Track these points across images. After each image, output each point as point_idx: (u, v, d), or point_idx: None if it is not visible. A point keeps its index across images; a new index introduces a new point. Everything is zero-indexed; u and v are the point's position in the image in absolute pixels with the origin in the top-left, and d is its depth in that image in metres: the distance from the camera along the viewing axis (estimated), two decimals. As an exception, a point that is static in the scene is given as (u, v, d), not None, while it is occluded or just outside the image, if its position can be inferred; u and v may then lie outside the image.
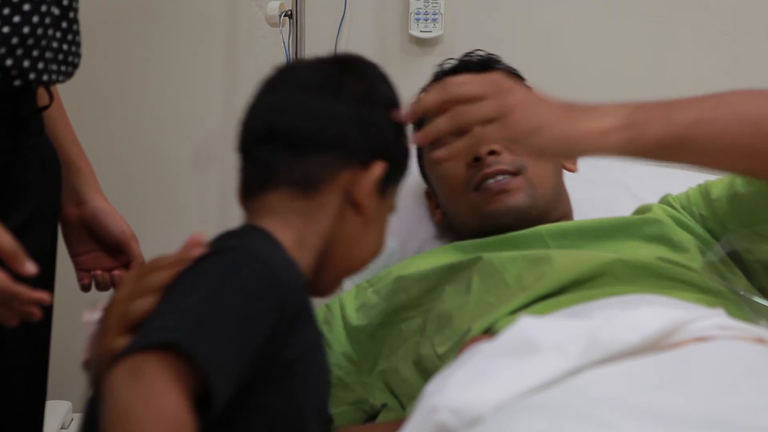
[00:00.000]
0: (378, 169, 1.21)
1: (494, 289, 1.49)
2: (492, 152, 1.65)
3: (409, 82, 2.41)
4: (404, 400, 1.53)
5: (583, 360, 1.08)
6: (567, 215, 1.73)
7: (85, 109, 2.38)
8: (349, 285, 1.73)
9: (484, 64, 1.81)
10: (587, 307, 1.35)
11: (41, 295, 1.17)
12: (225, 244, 1.15)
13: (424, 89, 1.73)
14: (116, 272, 1.61)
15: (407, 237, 1.86)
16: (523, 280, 1.48)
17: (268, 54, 2.32)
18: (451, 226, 1.82)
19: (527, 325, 1.16)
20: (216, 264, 1.09)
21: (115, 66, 2.36)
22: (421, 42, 2.34)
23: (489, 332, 1.41)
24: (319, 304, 1.88)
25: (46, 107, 1.43)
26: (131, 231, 1.60)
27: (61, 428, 1.89)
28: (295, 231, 1.18)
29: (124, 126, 2.38)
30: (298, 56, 2.17)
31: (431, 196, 1.84)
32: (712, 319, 1.23)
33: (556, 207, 1.70)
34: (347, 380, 1.61)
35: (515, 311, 1.44)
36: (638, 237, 1.56)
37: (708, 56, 2.34)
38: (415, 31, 2.31)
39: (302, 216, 1.19)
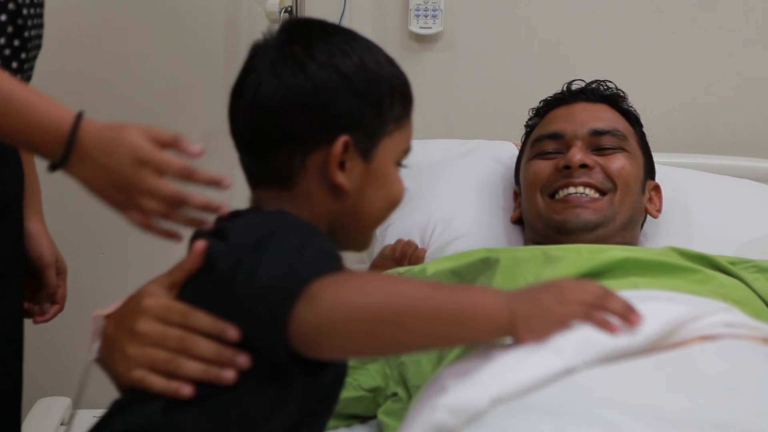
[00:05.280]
0: (337, 146, 1.18)
1: (514, 285, 1.51)
2: (584, 165, 1.75)
3: (408, 78, 2.42)
4: (414, 393, 1.54)
5: (579, 359, 1.08)
6: (630, 244, 1.78)
7: (84, 106, 2.37)
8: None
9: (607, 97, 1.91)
10: None
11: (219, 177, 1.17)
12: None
13: None
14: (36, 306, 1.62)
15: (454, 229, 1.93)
16: (539, 277, 1.51)
17: (268, 50, 2.32)
18: (524, 225, 1.89)
19: None
20: (288, 225, 1.14)
21: (114, 62, 2.36)
22: (420, 38, 2.33)
23: None
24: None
25: None
26: (52, 259, 1.61)
27: (61, 424, 1.88)
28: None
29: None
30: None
31: (518, 196, 1.92)
32: (718, 315, 1.22)
33: (622, 234, 1.77)
34: (370, 366, 1.62)
35: None
36: (683, 279, 1.54)
37: (706, 53, 2.35)
38: (415, 28, 2.31)
39: (292, 205, 1.20)
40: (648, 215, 1.87)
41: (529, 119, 1.95)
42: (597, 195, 1.75)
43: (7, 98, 1.18)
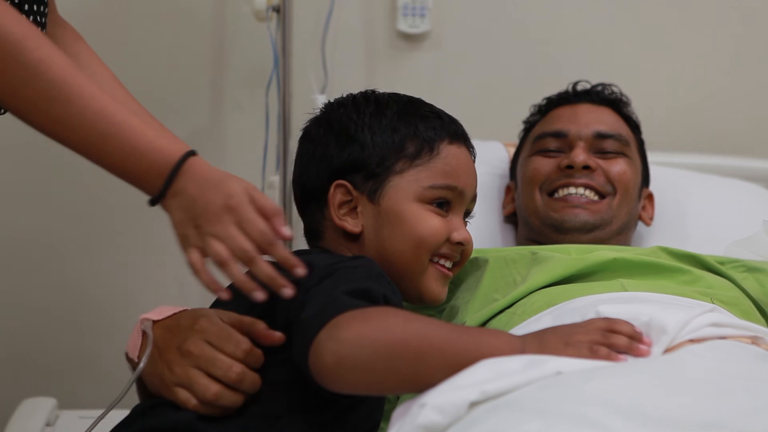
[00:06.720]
0: (331, 191, 1.30)
1: (503, 286, 1.52)
2: (587, 167, 1.75)
3: (396, 78, 2.42)
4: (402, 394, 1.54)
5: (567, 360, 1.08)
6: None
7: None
8: None
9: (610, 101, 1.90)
10: (590, 301, 1.36)
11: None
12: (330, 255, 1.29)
13: None
14: None
15: None
16: (527, 277, 1.52)
17: (255, 49, 2.31)
18: (518, 221, 1.88)
19: (516, 329, 1.16)
20: (347, 265, 1.22)
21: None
22: (408, 37, 2.33)
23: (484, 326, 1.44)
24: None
25: None
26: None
27: (46, 425, 1.87)
28: None
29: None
30: (285, 51, 2.16)
31: (510, 190, 1.92)
32: (704, 317, 1.22)
33: (617, 238, 1.77)
34: None
35: (514, 303, 1.47)
36: (671, 280, 1.55)
37: (692, 52, 2.35)
38: (403, 27, 2.30)
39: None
40: (640, 222, 1.87)
41: (530, 115, 1.95)
42: (596, 197, 1.76)
43: (114, 122, 1.17)
